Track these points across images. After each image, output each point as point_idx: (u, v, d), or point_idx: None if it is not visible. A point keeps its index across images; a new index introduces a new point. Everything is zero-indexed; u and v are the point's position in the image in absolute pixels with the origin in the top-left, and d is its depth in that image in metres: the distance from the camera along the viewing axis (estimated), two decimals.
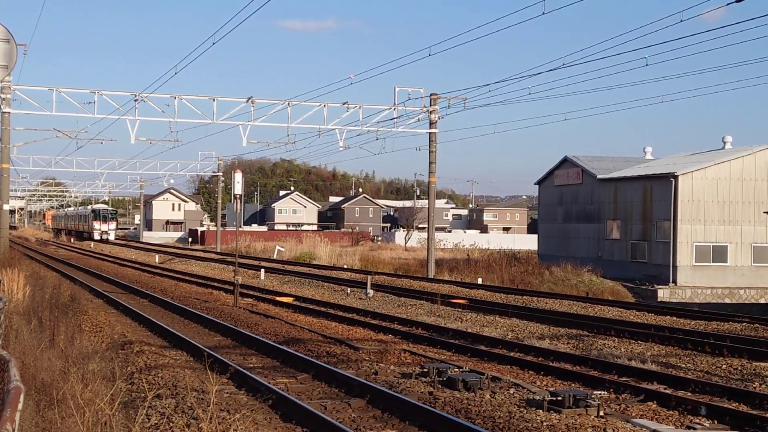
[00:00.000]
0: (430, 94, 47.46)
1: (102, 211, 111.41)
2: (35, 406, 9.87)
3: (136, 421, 10.14)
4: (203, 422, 9.98)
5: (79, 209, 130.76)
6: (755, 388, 15.42)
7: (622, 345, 21.29)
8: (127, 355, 17.78)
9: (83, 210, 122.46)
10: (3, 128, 42.35)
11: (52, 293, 25.42)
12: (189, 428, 10.67)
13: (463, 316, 27.84)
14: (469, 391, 14.58)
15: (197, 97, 43.97)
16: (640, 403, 14.26)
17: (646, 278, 54.47)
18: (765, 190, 54.33)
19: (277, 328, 23.37)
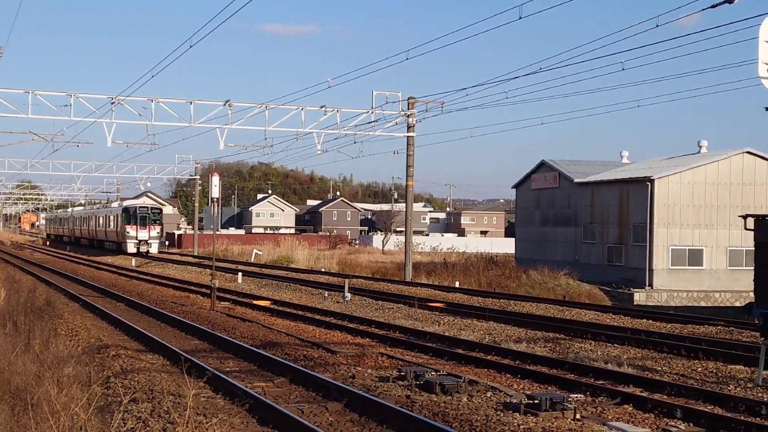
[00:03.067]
0: (408, 98, 47.52)
1: (140, 210, 75.53)
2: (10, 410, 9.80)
3: (112, 425, 10.08)
4: (180, 426, 9.93)
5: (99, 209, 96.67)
6: (730, 390, 15.50)
7: (599, 348, 21.35)
8: (104, 359, 17.68)
9: (107, 210, 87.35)
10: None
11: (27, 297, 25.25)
12: None
13: (441, 319, 27.85)
14: (447, 395, 14.59)
15: (174, 100, 43.73)
16: (616, 406, 14.31)
17: (622, 282, 54.74)
18: (740, 194, 54.76)
19: (255, 332, 23.32)
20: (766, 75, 15.63)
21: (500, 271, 56.87)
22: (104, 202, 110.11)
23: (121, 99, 42.21)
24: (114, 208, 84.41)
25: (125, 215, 74.19)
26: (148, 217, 74.32)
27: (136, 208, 75.62)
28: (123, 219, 74.29)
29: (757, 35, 15.63)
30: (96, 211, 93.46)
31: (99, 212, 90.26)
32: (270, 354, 18.53)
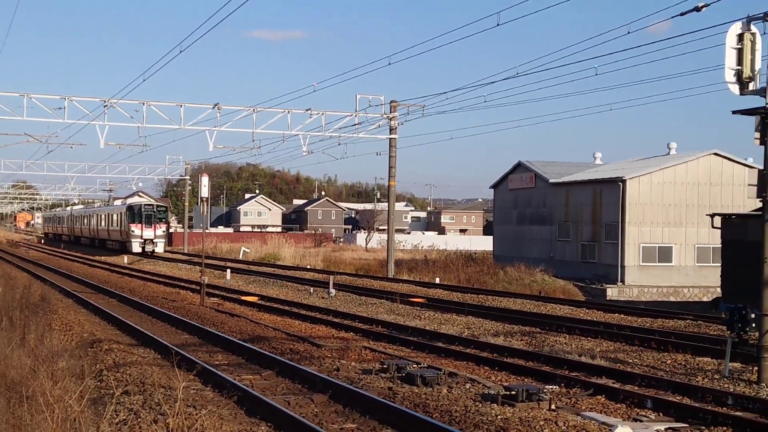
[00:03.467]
0: (390, 102, 47.59)
1: (144, 209, 69.33)
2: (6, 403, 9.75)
3: (105, 416, 10.03)
4: (170, 418, 9.90)
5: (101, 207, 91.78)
6: (698, 382, 15.56)
7: (573, 341, 21.41)
8: (96, 353, 17.60)
9: (110, 208, 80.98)
10: None
11: (22, 293, 25.15)
12: (156, 424, 10.59)
13: (422, 314, 27.88)
14: (427, 387, 14.60)
15: (165, 104, 43.58)
16: (589, 396, 14.34)
17: (595, 278, 54.94)
18: (708, 194, 55.06)
19: (243, 327, 23.28)
20: (732, 80, 15.73)
21: (479, 268, 57.02)
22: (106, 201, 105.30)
23: (114, 102, 42.06)
24: (117, 206, 77.44)
25: (129, 213, 67.68)
26: (154, 215, 68.26)
27: (141, 206, 69.39)
28: (127, 217, 67.82)
29: (724, 42, 15.73)
30: (97, 209, 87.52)
31: (100, 210, 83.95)
32: (257, 348, 18.50)
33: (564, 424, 11.77)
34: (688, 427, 12.26)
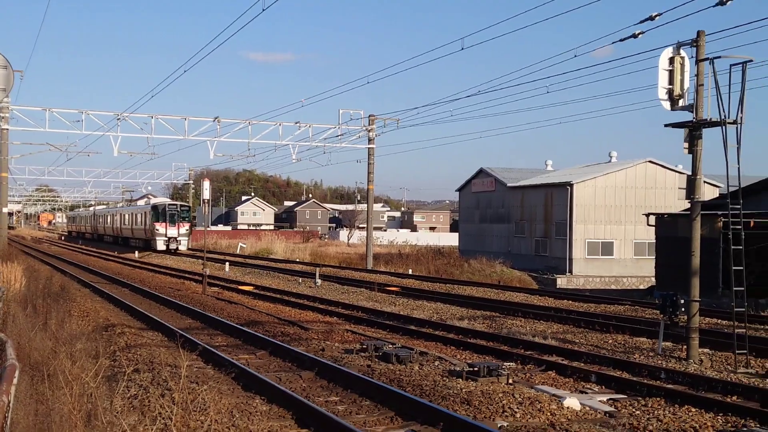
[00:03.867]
0: (369, 116, 47.60)
1: (168, 208, 63.01)
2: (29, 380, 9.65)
3: (117, 392, 9.97)
4: (175, 392, 9.84)
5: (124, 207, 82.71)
6: (635, 359, 15.67)
7: (528, 324, 21.48)
8: (110, 336, 17.49)
9: (134, 208, 73.90)
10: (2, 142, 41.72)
11: (45, 284, 24.90)
12: (163, 398, 10.52)
13: (396, 301, 27.89)
14: (401, 364, 14.61)
15: (171, 117, 43.56)
16: (542, 372, 14.40)
17: (547, 269, 55.22)
18: (643, 196, 55.47)
19: (240, 312, 23.20)
20: (665, 97, 15.84)
21: (446, 261, 57.08)
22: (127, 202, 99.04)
23: (126, 115, 42.01)
24: (141, 206, 71.11)
25: (154, 213, 62.21)
26: (177, 214, 62.21)
27: (165, 206, 63.13)
28: (152, 216, 62.33)
29: (658, 64, 15.84)
30: (120, 209, 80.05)
31: (124, 210, 76.71)
32: (253, 331, 18.46)
33: (520, 396, 11.81)
34: (627, 398, 12.33)
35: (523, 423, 10.58)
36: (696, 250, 16.02)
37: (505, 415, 11.00)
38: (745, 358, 15.09)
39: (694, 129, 15.79)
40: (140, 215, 67.08)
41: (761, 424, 10.45)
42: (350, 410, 11.25)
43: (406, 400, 11.16)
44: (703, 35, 15.73)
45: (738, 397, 12.30)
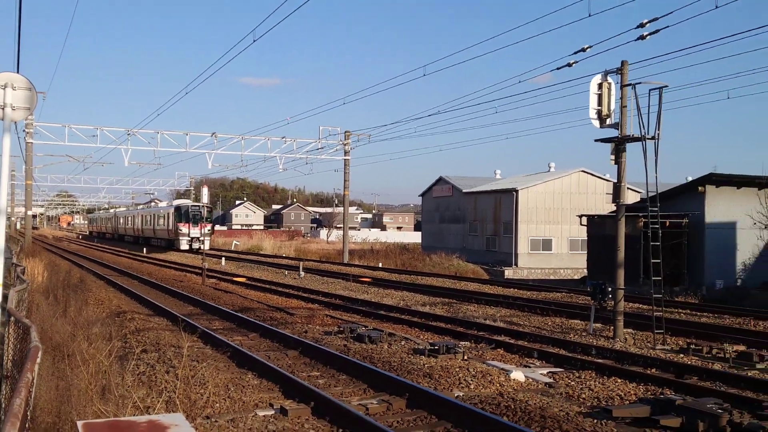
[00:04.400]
0: (345, 132, 47.59)
1: (191, 209, 56.15)
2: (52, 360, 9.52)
3: (128, 369, 9.87)
4: (179, 369, 9.77)
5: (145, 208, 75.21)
6: (571, 338, 15.81)
7: (480, 309, 21.57)
8: (122, 321, 17.29)
9: (156, 209, 66.04)
10: (27, 154, 41.80)
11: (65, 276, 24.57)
12: (168, 374, 10.44)
13: (369, 290, 27.87)
14: (373, 344, 14.61)
15: (174, 132, 43.17)
16: (492, 349, 14.48)
17: (496, 262, 55.48)
18: (577, 200, 55.97)
19: (234, 300, 23.05)
20: (595, 117, 15.99)
21: (411, 255, 57.14)
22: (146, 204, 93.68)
23: (135, 131, 41.69)
24: (164, 207, 64.14)
25: (177, 214, 55.82)
26: (200, 215, 55.30)
27: (188, 207, 56.44)
28: (175, 217, 56.01)
29: (589, 89, 16.00)
30: (141, 210, 73.14)
31: (145, 211, 69.73)
32: (245, 316, 18.34)
33: (473, 371, 11.87)
34: (564, 371, 12.43)
35: (477, 393, 10.63)
36: (621, 245, 16.21)
37: (461, 386, 11.05)
38: (662, 337, 15.29)
39: (619, 144, 15.98)
40: (163, 216, 60.69)
41: (676, 392, 10.60)
42: (329, 383, 11.23)
43: (377, 374, 11.16)
44: (627, 64, 15.92)
45: (656, 369, 12.45)
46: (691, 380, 11.41)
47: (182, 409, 8.25)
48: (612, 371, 12.07)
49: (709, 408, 8.78)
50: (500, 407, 9.63)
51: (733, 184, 32.22)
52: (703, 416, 8.61)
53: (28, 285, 14.39)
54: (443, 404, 9.35)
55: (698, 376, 11.74)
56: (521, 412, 9.34)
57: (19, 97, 9.23)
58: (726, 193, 32.30)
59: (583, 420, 9.02)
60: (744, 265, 32.15)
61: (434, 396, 9.71)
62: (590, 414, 9.42)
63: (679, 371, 12.14)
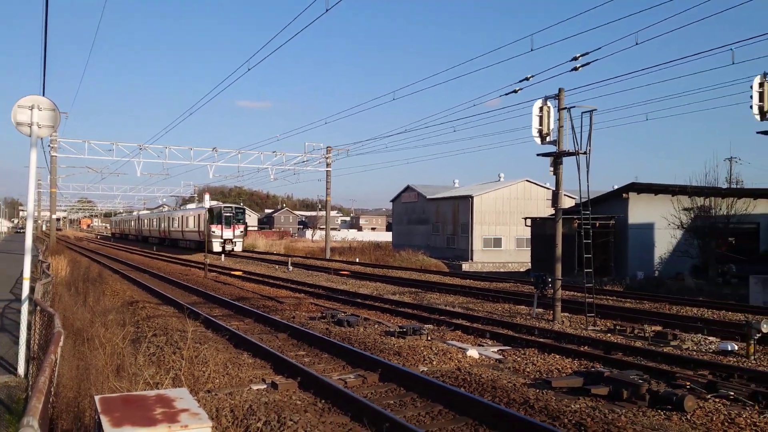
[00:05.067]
0: (327, 147, 47.50)
1: (225, 210, 47.80)
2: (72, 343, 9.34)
3: (140, 351, 9.72)
4: (184, 350, 9.65)
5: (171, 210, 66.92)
6: (517, 321, 15.92)
7: (442, 297, 21.63)
8: (135, 309, 17.03)
9: (186, 210, 56.74)
10: (52, 166, 41.30)
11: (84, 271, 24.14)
12: (175, 354, 10.30)
13: (347, 281, 27.80)
14: (351, 327, 14.58)
15: (180, 147, 42.86)
16: (451, 331, 14.54)
17: (455, 257, 55.66)
18: (523, 205, 56.37)
19: (232, 291, 22.84)
20: (536, 135, 16.14)
21: (383, 252, 57.03)
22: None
23: (146, 146, 41.31)
24: (193, 208, 55.24)
25: (210, 215, 46.90)
26: (233, 216, 47.82)
27: (221, 209, 48.02)
28: (207, 219, 46.91)
29: (532, 111, 16.15)
30: (167, 212, 63.44)
31: (174, 213, 59.77)
32: (242, 304, 18.19)
33: (436, 349, 11.90)
34: (511, 349, 12.51)
35: (438, 368, 10.66)
36: (559, 243, 16.37)
37: (426, 362, 11.06)
38: (593, 319, 15.46)
39: (557, 158, 16.14)
40: (193, 217, 51.74)
41: (604, 365, 10.72)
42: (314, 361, 11.17)
43: (354, 353, 11.13)
44: (563, 91, 16.10)
45: (588, 347, 12.59)
46: (617, 356, 11.55)
47: (187, 384, 8.15)
48: (551, 349, 12.18)
49: (632, 379, 8.89)
50: (458, 380, 9.66)
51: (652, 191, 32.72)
52: (626, 386, 8.72)
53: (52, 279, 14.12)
54: (410, 378, 9.35)
55: (623, 352, 11.89)
56: (476, 384, 9.38)
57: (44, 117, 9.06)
58: (645, 199, 32.79)
59: (527, 390, 9.08)
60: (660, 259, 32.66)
61: (403, 371, 9.71)
62: (533, 385, 9.49)
63: (607, 348, 12.28)
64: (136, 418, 3.72)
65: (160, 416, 3.75)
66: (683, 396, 8.18)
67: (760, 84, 15.46)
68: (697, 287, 26.45)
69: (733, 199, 30.21)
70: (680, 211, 30.91)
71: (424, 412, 8.07)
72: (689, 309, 18.08)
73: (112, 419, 3.68)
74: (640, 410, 8.20)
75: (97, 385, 7.02)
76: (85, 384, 7.09)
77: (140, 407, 3.90)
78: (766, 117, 15.54)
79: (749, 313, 17.15)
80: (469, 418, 7.74)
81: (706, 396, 8.72)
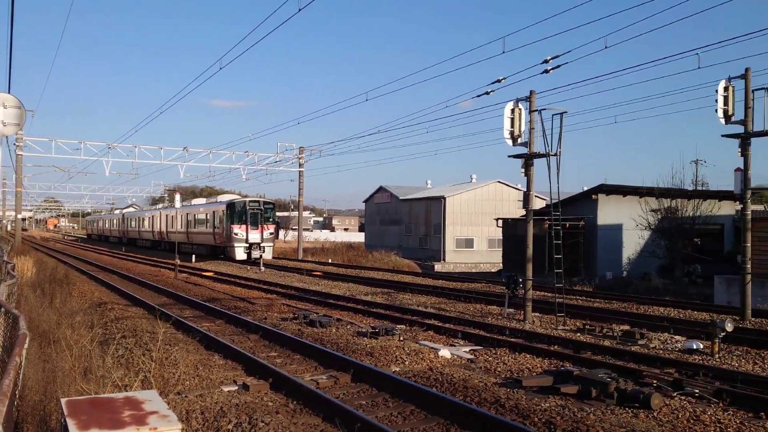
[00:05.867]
0: (299, 147, 47.25)
1: (249, 206, 36.81)
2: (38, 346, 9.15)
3: (108, 353, 9.55)
4: (153, 352, 9.51)
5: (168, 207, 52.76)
6: (489, 320, 16.03)
7: (414, 297, 21.64)
8: (103, 311, 16.73)
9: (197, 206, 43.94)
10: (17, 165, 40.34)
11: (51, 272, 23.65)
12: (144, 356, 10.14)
13: (320, 282, 27.69)
14: (323, 327, 14.54)
15: (151, 146, 42.23)
16: (424, 331, 14.57)
17: (428, 258, 55.85)
18: (495, 206, 56.83)
19: (203, 292, 22.59)
20: (508, 136, 16.28)
21: (356, 252, 56.98)
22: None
23: (115, 145, 40.61)
24: (203, 204, 43.96)
25: (230, 212, 36.81)
26: (261, 213, 36.88)
27: (245, 203, 37.21)
28: (227, 217, 36.98)
29: (503, 113, 16.29)
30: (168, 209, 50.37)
31: (173, 210, 48.04)
32: (213, 305, 17.99)
33: (408, 349, 11.93)
34: (483, 348, 12.60)
35: (411, 368, 10.68)
36: (530, 243, 16.54)
37: (398, 362, 11.08)
38: (563, 319, 15.65)
39: (528, 159, 16.30)
40: (206, 215, 41.08)
41: (574, 364, 10.86)
42: (286, 362, 11.11)
43: (326, 353, 11.10)
44: (534, 94, 16.28)
45: (558, 346, 12.73)
46: (586, 355, 11.71)
47: (156, 386, 8.04)
48: (522, 348, 12.28)
49: (600, 377, 9.03)
50: (430, 380, 9.70)
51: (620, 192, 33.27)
52: (595, 384, 8.85)
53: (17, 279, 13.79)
54: (382, 378, 9.36)
55: (592, 351, 12.06)
56: (447, 384, 9.43)
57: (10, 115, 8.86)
58: (614, 200, 33.33)
59: (498, 389, 9.16)
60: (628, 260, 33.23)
61: (375, 371, 9.72)
62: (504, 384, 9.58)
63: (577, 347, 12.45)
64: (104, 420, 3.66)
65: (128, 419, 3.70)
66: (650, 394, 8.33)
67: (725, 88, 15.85)
68: (663, 287, 26.99)
69: (699, 201, 30.90)
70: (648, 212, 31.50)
71: (396, 413, 8.09)
72: (656, 308, 18.42)
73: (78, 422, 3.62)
74: (608, 408, 8.33)
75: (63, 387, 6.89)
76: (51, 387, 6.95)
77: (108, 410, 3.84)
78: (731, 120, 15.94)
79: (714, 312, 17.55)
80: (440, 417, 7.78)
81: (672, 394, 8.89)
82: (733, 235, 33.13)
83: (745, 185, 15.93)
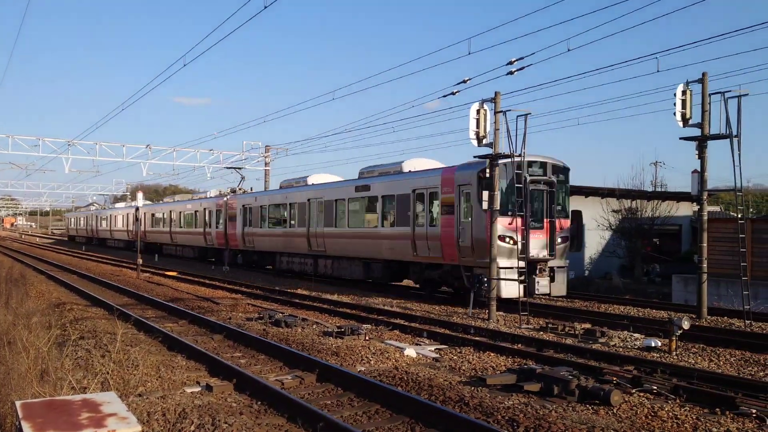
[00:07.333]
0: (265, 146, 46.82)
1: None
2: None
3: (66, 354, 9.33)
4: (113, 353, 9.32)
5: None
6: (454, 320, 16.12)
7: (380, 297, 21.64)
8: (61, 311, 16.31)
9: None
10: None
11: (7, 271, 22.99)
12: (103, 358, 9.93)
13: (286, 281, 27.46)
14: (289, 328, 14.44)
15: (112, 144, 41.28)
16: (389, 330, 14.59)
17: None
18: None
19: (166, 292, 22.21)
20: (474, 137, 16.39)
21: None
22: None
23: (75, 142, 39.56)
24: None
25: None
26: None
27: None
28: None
29: (469, 114, 16.42)
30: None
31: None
32: (176, 305, 17.71)
33: (374, 349, 11.93)
34: (448, 347, 12.68)
35: (376, 367, 10.69)
36: (494, 243, 16.69)
37: (364, 362, 11.08)
38: (526, 318, 15.85)
39: (493, 159, 16.48)
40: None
41: (536, 362, 11.01)
42: (250, 362, 11.01)
43: (291, 353, 11.03)
44: (499, 95, 16.45)
45: (522, 344, 12.88)
46: (548, 353, 11.88)
47: (116, 388, 7.87)
48: (487, 347, 12.39)
49: (562, 375, 9.17)
50: (395, 379, 9.72)
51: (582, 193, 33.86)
52: (557, 381, 8.99)
53: None
54: (348, 378, 9.35)
55: (554, 350, 12.24)
56: (413, 383, 9.46)
57: None
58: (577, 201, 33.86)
59: (463, 388, 9.23)
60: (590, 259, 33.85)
61: (340, 371, 9.70)
62: (469, 382, 9.65)
63: (539, 346, 12.62)
64: (60, 423, 3.57)
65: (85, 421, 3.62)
66: (610, 391, 8.50)
67: (683, 92, 16.26)
68: (624, 286, 27.57)
69: (658, 202, 31.63)
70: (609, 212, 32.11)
71: (361, 412, 8.08)
72: (616, 307, 18.79)
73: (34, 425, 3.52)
74: (569, 405, 8.47)
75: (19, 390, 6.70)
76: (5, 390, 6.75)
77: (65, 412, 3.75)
78: (689, 123, 16.37)
79: (672, 310, 17.99)
80: (405, 416, 7.80)
81: (631, 390, 9.09)
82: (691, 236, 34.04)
83: (702, 187, 16.37)
